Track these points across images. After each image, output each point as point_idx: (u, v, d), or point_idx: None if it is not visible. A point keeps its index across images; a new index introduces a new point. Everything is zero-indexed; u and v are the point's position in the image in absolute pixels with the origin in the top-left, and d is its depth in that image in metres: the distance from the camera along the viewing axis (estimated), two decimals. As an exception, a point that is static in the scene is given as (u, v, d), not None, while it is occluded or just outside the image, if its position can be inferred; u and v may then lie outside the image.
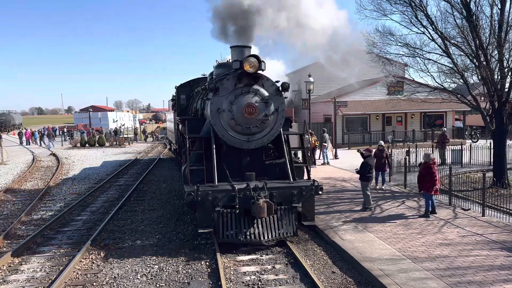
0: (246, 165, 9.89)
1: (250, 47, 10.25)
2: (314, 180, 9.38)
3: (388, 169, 15.53)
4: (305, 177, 10.69)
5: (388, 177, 16.49)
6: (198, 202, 8.42)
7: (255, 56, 9.16)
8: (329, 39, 13.26)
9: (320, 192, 9.34)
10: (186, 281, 7.50)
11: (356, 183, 15.06)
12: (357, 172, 12.18)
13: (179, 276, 7.76)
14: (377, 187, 15.02)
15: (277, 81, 9.84)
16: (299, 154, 13.22)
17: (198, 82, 15.70)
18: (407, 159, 16.41)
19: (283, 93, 9.83)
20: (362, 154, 12.45)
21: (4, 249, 9.56)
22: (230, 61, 10.89)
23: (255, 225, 8.76)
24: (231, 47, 10.27)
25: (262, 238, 8.67)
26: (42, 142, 42.64)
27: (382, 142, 15.31)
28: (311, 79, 22.66)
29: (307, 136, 17.42)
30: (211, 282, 7.33)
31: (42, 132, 47.48)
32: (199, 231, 8.77)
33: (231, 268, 8.04)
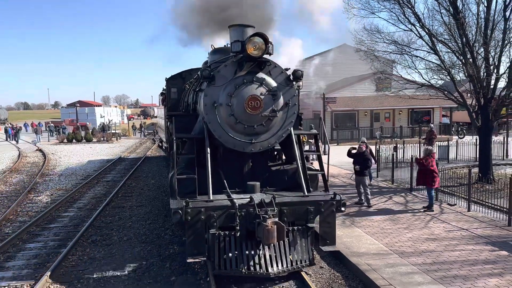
0: (247, 172, 7.80)
1: (254, 27, 7.94)
2: (335, 193, 7.25)
3: (375, 163, 15.60)
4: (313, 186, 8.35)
5: (376, 173, 16.63)
6: (188, 222, 6.31)
7: (261, 35, 6.95)
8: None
9: (343, 209, 7.23)
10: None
11: (344, 179, 15.16)
12: (359, 169, 11.98)
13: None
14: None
15: (287, 69, 7.74)
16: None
17: (191, 74, 13.10)
18: (395, 155, 16.53)
19: (295, 83, 7.70)
20: (349, 152, 12.44)
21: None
22: (229, 45, 8.66)
23: (261, 251, 6.60)
24: (229, 27, 8.12)
25: (270, 270, 6.48)
26: (15, 138, 41.61)
27: (364, 139, 15.39)
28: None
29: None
30: None
31: (17, 128, 46.62)
32: (188, 260, 6.57)
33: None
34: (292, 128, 7.81)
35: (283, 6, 10.53)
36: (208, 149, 7.21)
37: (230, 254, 6.51)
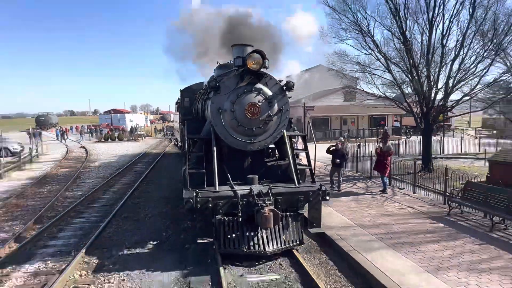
0: (247, 167, 7.47)
1: (252, 46, 7.72)
2: (321, 185, 6.99)
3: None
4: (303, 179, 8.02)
5: (344, 165, 16.76)
6: (198, 209, 6.27)
7: (259, 52, 6.74)
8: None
9: (327, 198, 6.93)
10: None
11: (319, 169, 15.25)
12: (339, 162, 11.98)
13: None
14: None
15: (280, 80, 7.45)
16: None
17: (200, 86, 12.60)
18: (358, 151, 16.70)
19: (287, 92, 7.36)
20: (328, 149, 12.23)
21: (44, 220, 9.47)
22: (231, 62, 8.57)
23: (259, 234, 6.48)
24: (232, 46, 7.98)
25: (266, 249, 6.39)
26: (62, 138, 40.90)
27: (342, 138, 15.51)
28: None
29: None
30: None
31: (62, 130, 46.12)
32: (198, 241, 6.63)
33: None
34: (284, 130, 7.47)
35: (277, 34, 10.46)
36: (215, 148, 6.87)
37: (233, 236, 6.38)
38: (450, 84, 14.23)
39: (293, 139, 8.41)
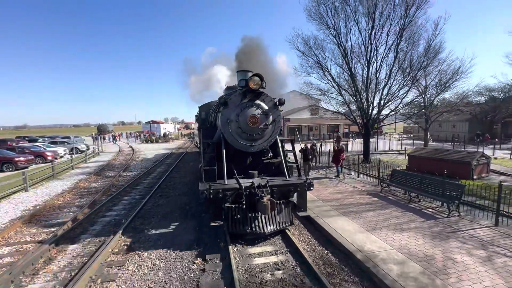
0: (249, 164, 6.98)
1: (252, 72, 7.09)
2: (306, 178, 6.35)
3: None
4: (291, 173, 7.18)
5: (311, 159, 16.76)
6: (211, 199, 5.71)
7: (258, 75, 6.32)
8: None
9: (311, 188, 6.31)
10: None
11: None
12: (309, 157, 11.84)
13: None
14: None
15: (274, 98, 6.87)
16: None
17: (214, 103, 11.54)
18: (320, 149, 16.74)
19: (279, 107, 6.83)
20: (301, 149, 12.05)
21: (103, 198, 9.30)
22: (236, 84, 8.01)
23: (259, 217, 5.92)
24: (237, 72, 7.49)
25: (265, 229, 5.84)
26: (114, 141, 39.95)
27: (314, 141, 15.45)
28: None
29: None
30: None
31: (114, 135, 45.42)
32: (211, 224, 6.35)
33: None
34: (277, 136, 6.93)
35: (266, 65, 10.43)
36: (224, 150, 6.36)
37: (239, 219, 5.81)
38: (382, 104, 14.34)
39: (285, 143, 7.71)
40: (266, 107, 6.60)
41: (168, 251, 5.52)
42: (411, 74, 13.57)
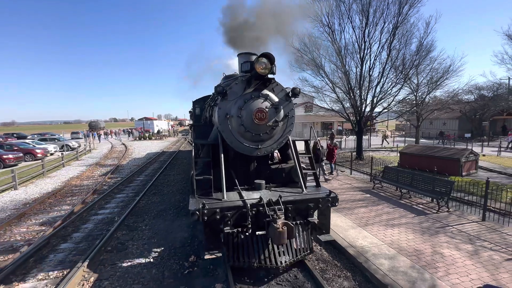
0: (253, 171, 5.31)
1: (257, 54, 5.40)
2: (330, 191, 4.74)
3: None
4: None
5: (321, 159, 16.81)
6: (204, 222, 4.05)
7: (268, 56, 4.58)
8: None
9: (336, 204, 4.67)
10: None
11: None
12: (323, 158, 11.40)
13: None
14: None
15: (286, 87, 5.24)
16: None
17: (209, 97, 9.26)
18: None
19: (292, 98, 5.16)
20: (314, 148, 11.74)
21: (96, 196, 9.18)
22: (236, 72, 6.36)
23: (270, 246, 4.36)
24: (238, 55, 5.82)
25: (279, 262, 4.24)
26: (106, 137, 38.46)
27: (319, 139, 15.42)
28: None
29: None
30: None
31: (107, 132, 44.86)
32: (205, 257, 4.30)
33: None
34: (289, 135, 5.30)
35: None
36: (222, 155, 4.75)
37: (243, 246, 4.27)
38: (374, 101, 14.50)
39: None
40: (276, 99, 5.00)
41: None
42: (403, 72, 13.74)
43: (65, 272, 4.72)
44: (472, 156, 11.45)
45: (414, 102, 17.96)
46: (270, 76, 4.90)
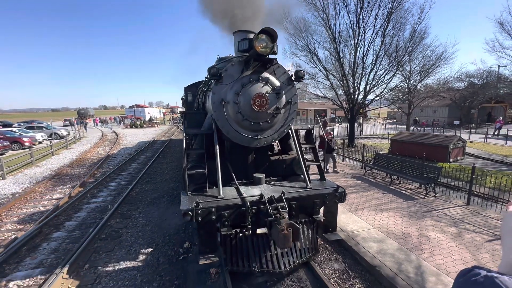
0: (251, 163, 4.76)
1: (254, 33, 4.66)
2: (338, 186, 4.23)
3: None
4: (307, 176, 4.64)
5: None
6: (198, 224, 3.54)
7: (269, 32, 3.82)
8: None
9: (343, 200, 4.21)
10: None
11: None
12: (334, 148, 11.02)
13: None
14: None
15: (288, 70, 4.54)
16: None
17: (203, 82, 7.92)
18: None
19: (296, 82, 4.55)
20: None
21: (88, 184, 9.09)
22: (231, 55, 5.63)
23: (271, 247, 3.94)
24: (234, 33, 4.89)
25: (282, 267, 3.83)
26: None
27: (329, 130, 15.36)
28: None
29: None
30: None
31: (102, 119, 43.92)
32: (200, 263, 3.55)
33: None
34: (291, 124, 4.65)
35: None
36: (218, 147, 4.15)
37: (242, 248, 3.83)
38: (367, 89, 14.53)
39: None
40: (277, 83, 4.36)
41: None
42: (396, 59, 13.74)
43: (59, 261, 4.73)
44: (460, 143, 11.75)
45: (406, 89, 18.10)
46: (271, 56, 4.20)
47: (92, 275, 4.32)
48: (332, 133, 10.23)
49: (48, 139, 22.32)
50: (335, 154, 10.18)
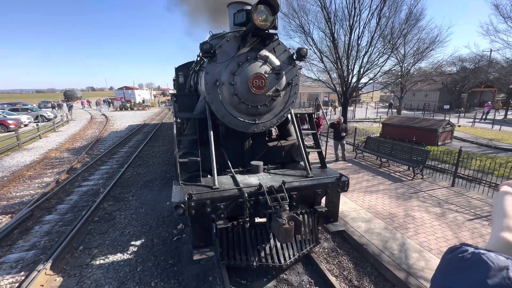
0: (248, 149, 4.34)
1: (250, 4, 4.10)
2: (341, 175, 3.86)
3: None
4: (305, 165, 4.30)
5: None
6: (192, 217, 3.15)
7: (268, 2, 3.33)
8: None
9: (346, 189, 3.86)
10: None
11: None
12: (343, 135, 10.79)
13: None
14: None
15: (289, 48, 4.05)
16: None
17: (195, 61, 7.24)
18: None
19: (297, 62, 4.09)
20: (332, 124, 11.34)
21: (79, 168, 8.97)
22: (226, 31, 4.66)
23: (271, 240, 3.72)
24: (229, 5, 4.15)
25: (282, 260, 3.60)
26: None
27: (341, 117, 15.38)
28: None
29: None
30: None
31: (96, 101, 42.74)
32: (194, 258, 3.11)
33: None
34: (291, 108, 4.25)
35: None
36: (212, 132, 3.77)
37: (239, 242, 3.56)
38: (361, 72, 14.45)
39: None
40: (277, 62, 3.90)
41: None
42: (391, 42, 13.58)
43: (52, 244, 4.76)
44: (448, 127, 12.01)
45: (400, 73, 18.08)
46: (271, 31, 3.72)
47: (86, 256, 4.38)
48: (342, 118, 9.71)
49: (34, 122, 21.64)
50: (344, 142, 9.61)
